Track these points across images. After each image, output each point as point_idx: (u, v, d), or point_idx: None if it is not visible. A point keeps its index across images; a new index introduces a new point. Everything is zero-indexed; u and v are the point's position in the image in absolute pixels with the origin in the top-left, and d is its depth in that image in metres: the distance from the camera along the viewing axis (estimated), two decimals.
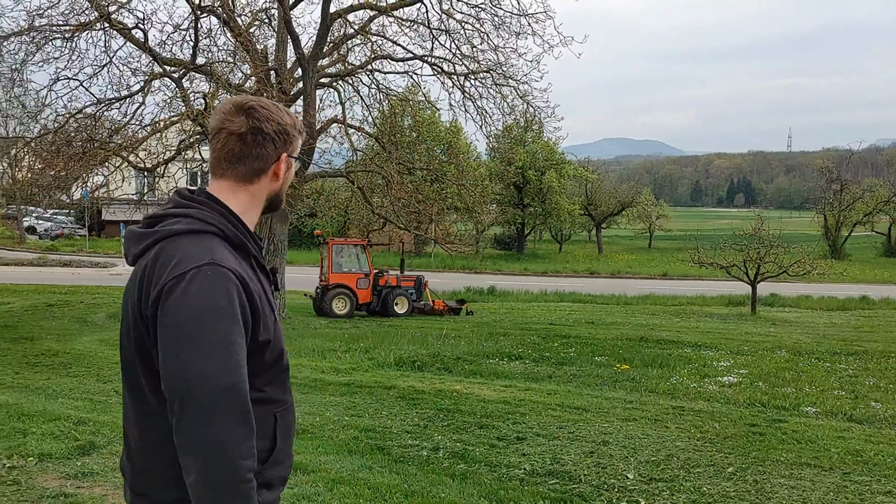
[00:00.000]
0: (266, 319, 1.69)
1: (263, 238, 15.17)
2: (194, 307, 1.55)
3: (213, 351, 1.54)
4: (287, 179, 1.85)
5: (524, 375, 9.70)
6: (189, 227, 1.67)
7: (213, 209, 1.73)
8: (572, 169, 44.30)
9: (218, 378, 1.53)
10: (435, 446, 5.92)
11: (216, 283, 1.58)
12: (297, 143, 1.84)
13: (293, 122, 1.82)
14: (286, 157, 1.81)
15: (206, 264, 1.60)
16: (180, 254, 1.62)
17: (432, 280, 26.10)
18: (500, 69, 16.86)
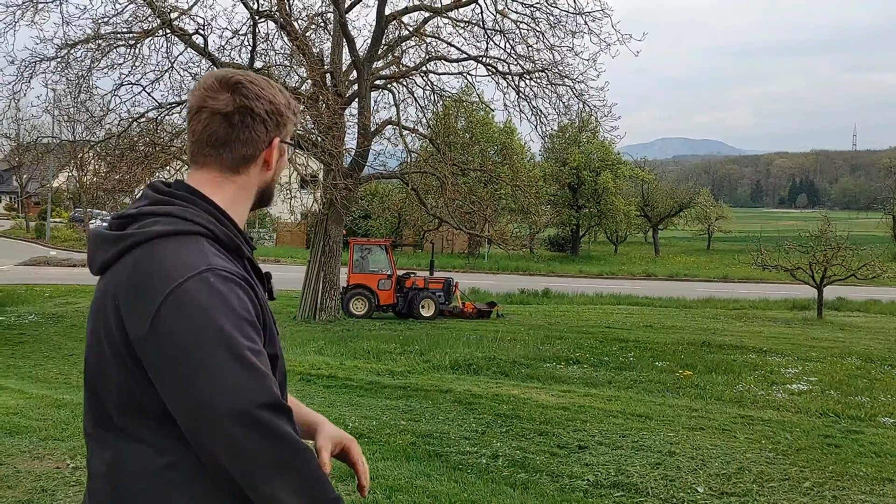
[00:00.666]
0: (272, 332, 1.45)
1: (317, 241, 15.27)
2: (206, 324, 1.28)
3: (245, 370, 1.28)
4: (279, 169, 1.57)
5: (583, 380, 9.48)
6: (171, 227, 1.38)
7: (197, 205, 1.44)
8: (628, 169, 43.59)
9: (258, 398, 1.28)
10: (494, 454, 5.78)
11: (224, 290, 1.33)
12: (290, 125, 1.55)
13: (287, 101, 1.53)
14: (279, 142, 1.52)
15: (204, 270, 1.33)
16: (168, 261, 1.34)
17: (485, 282, 26.00)
18: (556, 68, 16.61)
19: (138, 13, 13.31)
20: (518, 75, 16.79)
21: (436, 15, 16.04)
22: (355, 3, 15.90)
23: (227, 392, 1.27)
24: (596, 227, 47.40)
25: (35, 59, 14.05)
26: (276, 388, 1.32)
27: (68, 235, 39.43)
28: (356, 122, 14.90)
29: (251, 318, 1.34)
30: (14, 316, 15.27)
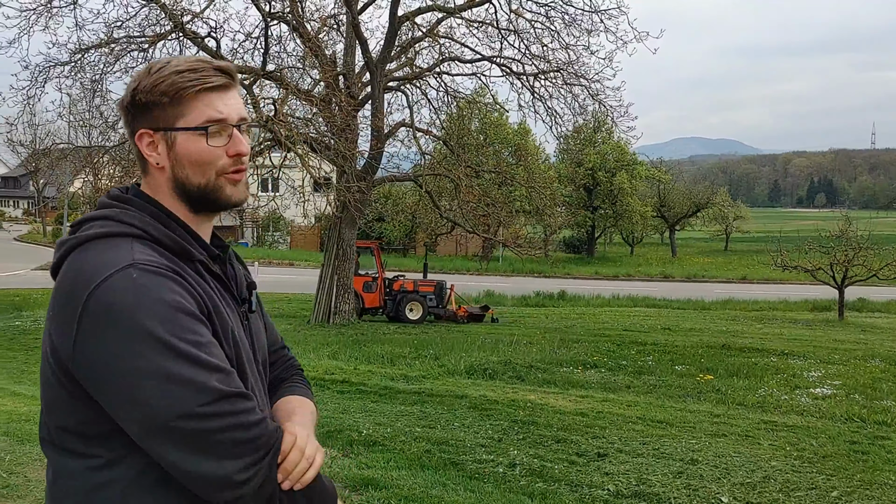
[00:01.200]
0: (225, 331, 1.34)
1: (331, 244, 15.18)
2: (132, 329, 1.18)
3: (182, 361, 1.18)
4: (194, 160, 1.36)
5: (601, 385, 9.31)
6: (102, 230, 1.30)
7: (139, 208, 1.36)
8: (644, 170, 43.27)
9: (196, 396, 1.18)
10: (511, 462, 5.64)
11: (150, 283, 1.21)
12: (172, 110, 1.35)
13: (152, 81, 1.34)
14: (148, 131, 1.37)
15: (126, 266, 1.22)
16: (89, 264, 1.25)
17: (500, 285, 25.82)
18: (571, 68, 16.44)
19: (150, 17, 13.28)
20: (533, 75, 16.63)
21: (449, 15, 15.92)
22: (368, 5, 15.82)
23: (167, 403, 1.17)
24: (612, 229, 47.13)
25: (49, 64, 14.08)
26: (223, 378, 1.22)
27: None
28: (369, 124, 14.80)
29: (188, 308, 1.23)
30: (30, 320, 15.30)
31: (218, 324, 1.33)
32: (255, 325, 1.57)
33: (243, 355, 1.40)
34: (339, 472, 5.23)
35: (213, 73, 1.39)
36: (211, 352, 1.23)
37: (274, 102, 12.90)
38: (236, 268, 1.57)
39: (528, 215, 32.59)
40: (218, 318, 1.34)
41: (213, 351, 1.24)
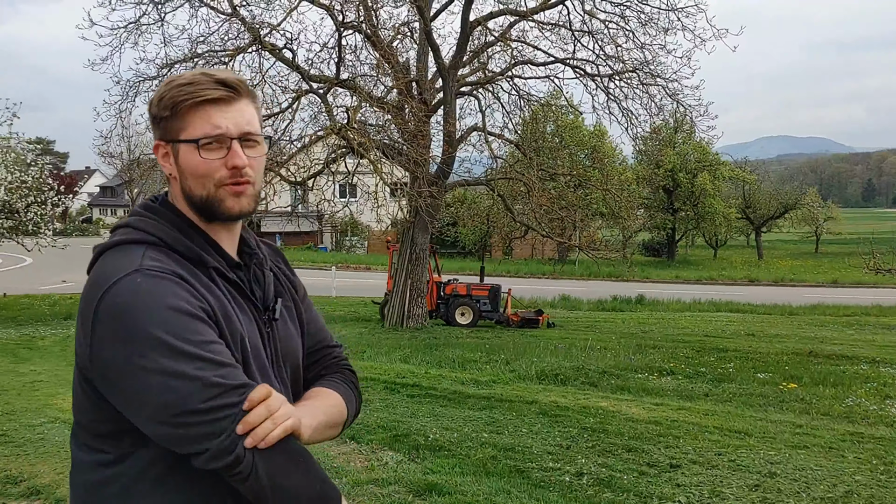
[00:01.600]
0: (234, 336, 1.38)
1: (405, 248, 15.31)
2: (135, 331, 1.24)
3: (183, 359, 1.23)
4: (193, 172, 1.42)
5: (677, 392, 9.04)
6: (121, 238, 1.40)
7: (160, 216, 1.44)
8: (727, 170, 41.92)
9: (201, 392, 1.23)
10: (578, 471, 5.52)
11: (153, 287, 1.28)
12: (175, 123, 1.41)
13: (159, 95, 1.42)
14: (160, 143, 1.45)
15: (132, 272, 1.29)
16: (102, 272, 1.33)
17: (576, 288, 25.50)
18: (647, 68, 16.09)
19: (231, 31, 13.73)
20: (607, 76, 16.36)
21: (521, 19, 15.84)
22: (440, 11, 15.91)
23: (173, 399, 1.23)
24: (693, 231, 45.84)
25: (139, 79, 14.73)
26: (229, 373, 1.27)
27: None
28: (441, 129, 14.87)
29: (189, 310, 1.28)
30: None
31: (225, 328, 1.36)
32: (282, 333, 1.59)
33: (252, 362, 1.42)
34: (403, 476, 5.25)
35: (211, 87, 1.42)
36: (214, 349, 1.27)
37: (347, 110, 13.12)
38: (265, 276, 1.60)
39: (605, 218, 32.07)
40: (226, 323, 1.37)
41: (216, 348, 1.28)
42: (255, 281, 1.57)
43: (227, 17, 13.88)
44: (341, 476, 5.22)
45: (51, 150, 73.35)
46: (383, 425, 6.69)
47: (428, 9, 14.91)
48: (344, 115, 13.22)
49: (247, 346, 1.41)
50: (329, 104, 13.34)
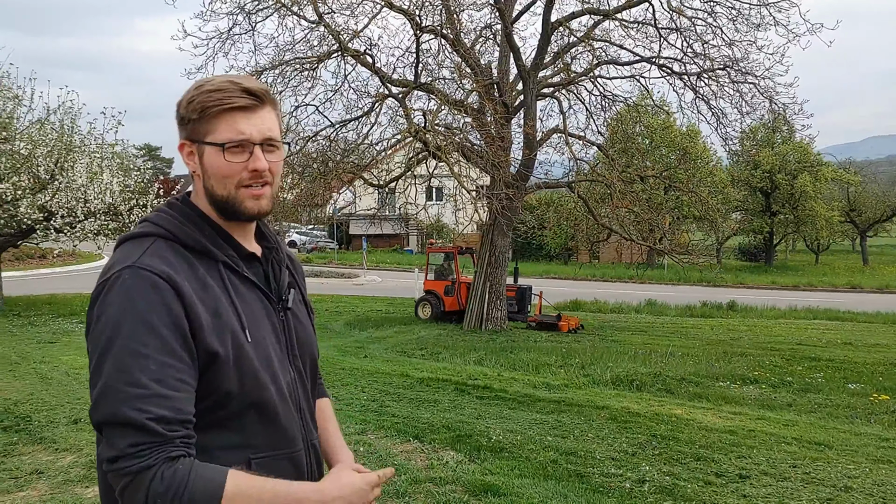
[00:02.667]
0: (221, 332, 1.43)
1: (484, 251, 15.31)
2: (104, 318, 1.36)
3: (113, 369, 1.33)
4: (215, 173, 1.50)
5: (758, 402, 8.68)
6: (135, 231, 1.51)
7: (178, 211, 1.54)
8: (830, 171, 39.82)
9: (111, 401, 1.32)
10: (641, 478, 5.40)
11: (133, 287, 1.37)
12: (202, 126, 1.50)
13: (189, 97, 1.51)
14: (186, 142, 1.53)
15: (125, 268, 1.40)
16: (112, 260, 1.46)
17: (664, 294, 24.81)
18: (738, 65, 15.52)
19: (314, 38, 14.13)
20: (695, 75, 15.89)
21: (605, 18, 15.58)
22: (522, 13, 15.85)
23: (99, 402, 1.34)
24: (793, 235, 43.77)
25: None
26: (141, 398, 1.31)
27: None
28: (521, 131, 14.81)
29: (148, 319, 1.35)
30: None
31: (210, 325, 1.43)
32: (298, 324, 1.67)
33: (250, 351, 1.48)
34: (461, 476, 5.27)
35: (238, 95, 1.51)
36: (145, 366, 1.34)
37: (424, 113, 13.27)
38: (281, 269, 1.68)
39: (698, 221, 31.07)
40: (213, 319, 1.44)
41: (153, 369, 1.34)
42: (273, 273, 1.65)
43: (312, 24, 14.31)
44: (400, 474, 5.29)
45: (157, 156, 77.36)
46: (448, 425, 6.73)
47: (509, 11, 14.89)
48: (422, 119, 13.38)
49: (240, 342, 1.46)
50: (408, 108, 13.52)
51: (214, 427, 1.43)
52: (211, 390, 1.42)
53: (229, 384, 1.43)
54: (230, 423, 1.46)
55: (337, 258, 36.98)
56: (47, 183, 15.90)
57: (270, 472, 1.46)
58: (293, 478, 1.53)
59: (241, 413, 1.47)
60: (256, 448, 1.49)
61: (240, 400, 1.45)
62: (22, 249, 28.91)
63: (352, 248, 41.30)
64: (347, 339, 13.77)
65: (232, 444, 1.46)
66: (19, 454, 5.66)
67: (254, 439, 1.49)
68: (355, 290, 24.81)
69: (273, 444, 1.52)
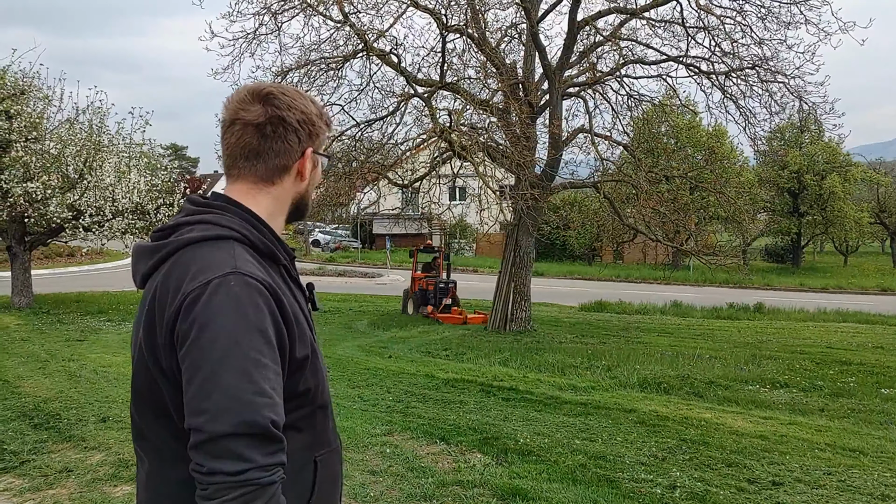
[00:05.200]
0: (304, 336, 1.44)
1: (508, 251, 15.26)
2: (217, 325, 1.30)
3: (237, 378, 1.28)
4: (314, 180, 1.59)
5: (789, 406, 8.53)
6: (205, 233, 1.43)
7: (232, 213, 1.48)
8: (860, 172, 39.17)
9: (242, 411, 1.27)
10: (671, 484, 5.31)
11: (243, 294, 1.33)
12: (323, 136, 1.58)
13: (319, 111, 1.55)
14: (311, 152, 1.54)
15: (230, 273, 1.35)
16: (197, 264, 1.38)
17: (689, 295, 24.56)
18: (767, 64, 15.30)
19: (339, 38, 14.15)
20: (723, 74, 15.69)
21: (632, 17, 15.43)
22: (548, 12, 15.74)
23: (205, 398, 1.28)
24: (822, 236, 43.12)
25: None
26: (260, 403, 1.29)
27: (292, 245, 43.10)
28: (546, 131, 14.72)
29: (264, 327, 1.33)
30: None
31: (296, 332, 1.42)
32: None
33: (319, 353, 1.52)
34: (489, 479, 5.22)
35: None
36: (264, 374, 1.31)
37: (449, 113, 13.23)
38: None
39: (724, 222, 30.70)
40: (296, 326, 1.43)
41: (265, 373, 1.31)
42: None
43: (338, 24, 14.32)
44: (427, 476, 5.25)
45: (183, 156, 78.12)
46: (475, 427, 6.69)
47: (535, 10, 14.80)
48: (447, 119, 13.34)
49: (314, 346, 1.50)
50: (433, 107, 13.49)
51: (290, 429, 1.43)
52: (295, 393, 1.44)
53: (307, 385, 1.46)
54: (302, 424, 1.48)
55: (361, 257, 37.08)
56: (76, 182, 16.10)
57: (328, 467, 1.54)
58: (339, 468, 1.64)
59: (311, 414, 1.50)
60: (320, 446, 1.53)
61: (312, 401, 1.49)
62: (51, 248, 29.38)
63: (375, 247, 41.38)
64: (371, 338, 13.77)
65: (304, 444, 1.49)
66: (49, 452, 5.71)
67: (320, 437, 1.53)
68: (379, 290, 24.83)
69: (330, 441, 1.57)
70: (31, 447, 5.82)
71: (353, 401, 7.91)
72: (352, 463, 5.50)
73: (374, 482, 5.13)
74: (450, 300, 17.33)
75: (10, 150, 15.52)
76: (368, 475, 5.26)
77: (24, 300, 16.34)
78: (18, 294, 16.39)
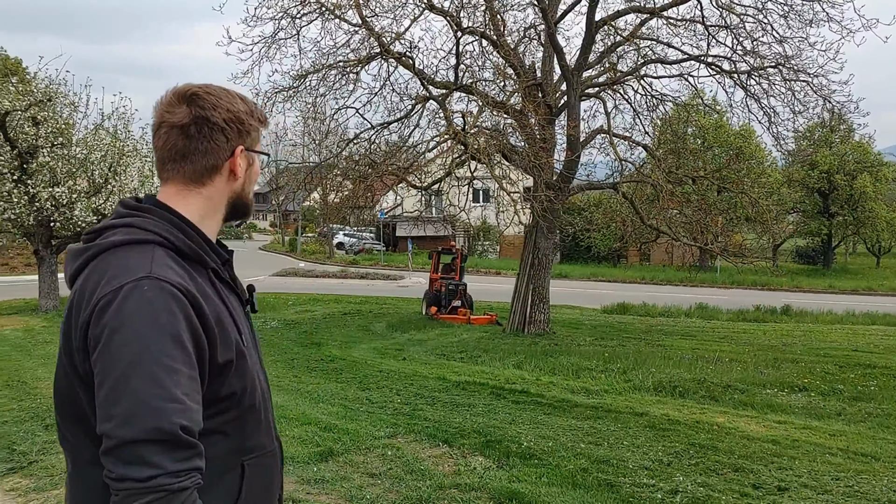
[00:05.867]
0: (227, 341, 1.42)
1: (527, 253, 15.19)
2: (128, 330, 1.29)
3: (147, 384, 1.27)
4: (251, 178, 1.58)
5: (805, 411, 8.37)
6: (126, 237, 1.42)
7: (159, 216, 1.47)
8: (892, 171, 38.39)
9: (150, 417, 1.26)
10: (674, 489, 5.24)
11: (156, 299, 1.32)
12: (256, 133, 1.56)
13: (249, 108, 1.54)
14: (243, 150, 1.53)
15: (143, 278, 1.34)
16: (114, 269, 1.37)
17: (716, 297, 24.25)
18: (790, 63, 15.06)
19: (355, 41, 14.21)
20: (745, 73, 15.48)
21: (652, 16, 15.29)
22: (566, 13, 15.66)
23: (116, 403, 1.27)
24: (853, 237, 42.34)
25: (275, 91, 15.54)
26: (171, 409, 1.28)
27: (315, 249, 43.40)
28: (564, 132, 14.63)
29: (176, 332, 1.32)
30: (260, 321, 16.93)
31: (217, 336, 1.41)
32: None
33: (247, 356, 1.50)
34: (488, 483, 5.20)
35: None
36: (176, 380, 1.30)
37: (463, 115, 13.21)
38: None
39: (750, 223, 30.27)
40: (219, 330, 1.42)
41: (177, 379, 1.31)
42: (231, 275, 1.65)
43: (355, 28, 14.38)
44: (426, 479, 5.25)
45: None
46: (479, 430, 6.66)
47: (552, 11, 14.72)
48: (459, 120, 13.33)
49: (241, 349, 1.48)
50: (448, 110, 13.48)
51: (214, 433, 1.43)
52: (218, 398, 1.43)
53: (233, 389, 1.45)
54: (228, 428, 1.47)
55: (383, 260, 37.20)
56: (101, 186, 16.38)
57: (259, 472, 1.53)
58: (274, 472, 1.62)
59: (238, 418, 1.48)
60: (250, 450, 1.52)
61: (239, 405, 1.47)
62: None
63: (398, 249, 41.48)
64: (388, 340, 13.79)
65: (231, 448, 1.48)
66: (56, 452, 5.80)
67: (249, 441, 1.51)
68: (400, 292, 24.88)
69: (262, 444, 1.56)
70: (40, 448, 5.93)
71: (360, 403, 7.93)
72: (351, 465, 5.52)
73: (371, 485, 5.13)
74: (458, 301, 17.38)
75: (38, 155, 15.84)
76: (367, 478, 5.27)
77: (51, 303, 16.65)
78: (45, 297, 16.71)
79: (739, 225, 28.79)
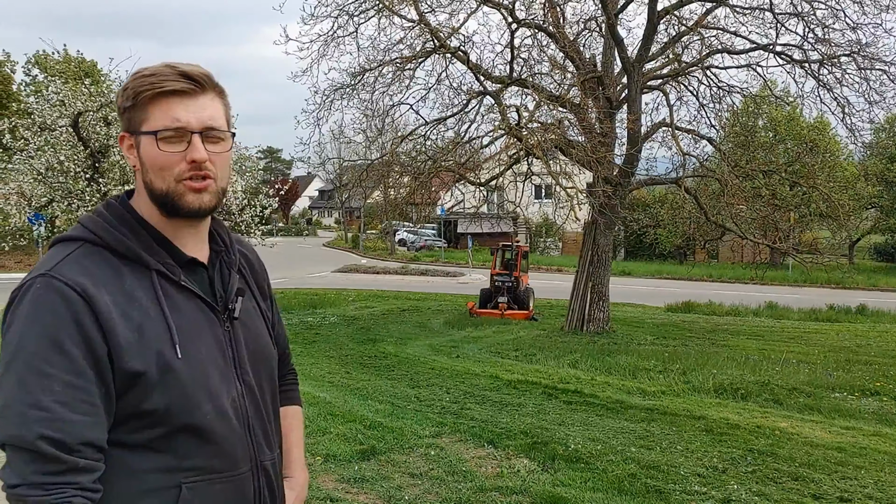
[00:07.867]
0: (143, 350, 1.32)
1: (586, 250, 14.87)
2: (13, 331, 1.28)
3: (14, 388, 1.24)
4: (152, 165, 1.39)
5: (876, 416, 7.92)
6: (65, 234, 1.42)
7: (111, 213, 1.42)
8: None
9: (11, 422, 1.23)
10: (726, 497, 5.00)
11: (42, 299, 1.28)
12: (138, 114, 1.40)
13: (123, 87, 1.42)
14: (126, 134, 1.43)
15: (39, 276, 1.30)
16: (37, 265, 1.37)
17: (787, 296, 23.37)
18: (865, 50, 14.34)
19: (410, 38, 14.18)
20: (817, 62, 14.81)
21: (718, 5, 14.77)
22: (628, 3, 15.26)
23: (4, 419, 1.25)
24: None
25: (334, 88, 15.65)
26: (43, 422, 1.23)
27: (377, 245, 43.80)
28: (624, 126, 14.28)
29: (56, 335, 1.26)
30: (320, 317, 17.12)
31: (123, 342, 1.32)
32: (248, 332, 1.56)
33: (180, 369, 1.37)
34: (531, 486, 5.06)
35: (172, 79, 1.41)
36: (48, 387, 1.25)
37: (517, 109, 13.02)
38: (231, 275, 1.57)
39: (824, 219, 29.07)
40: (138, 336, 1.34)
41: (51, 387, 1.26)
42: (220, 279, 1.54)
43: (412, 23, 14.34)
44: (467, 481, 5.14)
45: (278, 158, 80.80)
46: (526, 431, 6.52)
47: (613, 1, 14.37)
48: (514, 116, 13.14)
49: (167, 360, 1.36)
50: (503, 104, 13.31)
51: (142, 448, 1.36)
52: (134, 412, 1.34)
53: (154, 405, 1.34)
54: (159, 445, 1.37)
55: (444, 256, 37.21)
56: None
57: (206, 496, 1.39)
58: (239, 498, 1.46)
59: (170, 435, 1.37)
60: (190, 471, 1.39)
61: (167, 421, 1.36)
62: None
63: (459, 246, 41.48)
64: (444, 337, 13.73)
65: (162, 466, 1.37)
66: None
67: (186, 462, 1.39)
68: (460, 289, 24.82)
69: (210, 467, 1.41)
70: None
71: (408, 401, 7.87)
72: (393, 465, 5.46)
73: (411, 485, 5.06)
74: (504, 297, 17.30)
75: (109, 154, 16.37)
76: (408, 478, 5.20)
77: None
78: None
79: (813, 222, 27.70)
